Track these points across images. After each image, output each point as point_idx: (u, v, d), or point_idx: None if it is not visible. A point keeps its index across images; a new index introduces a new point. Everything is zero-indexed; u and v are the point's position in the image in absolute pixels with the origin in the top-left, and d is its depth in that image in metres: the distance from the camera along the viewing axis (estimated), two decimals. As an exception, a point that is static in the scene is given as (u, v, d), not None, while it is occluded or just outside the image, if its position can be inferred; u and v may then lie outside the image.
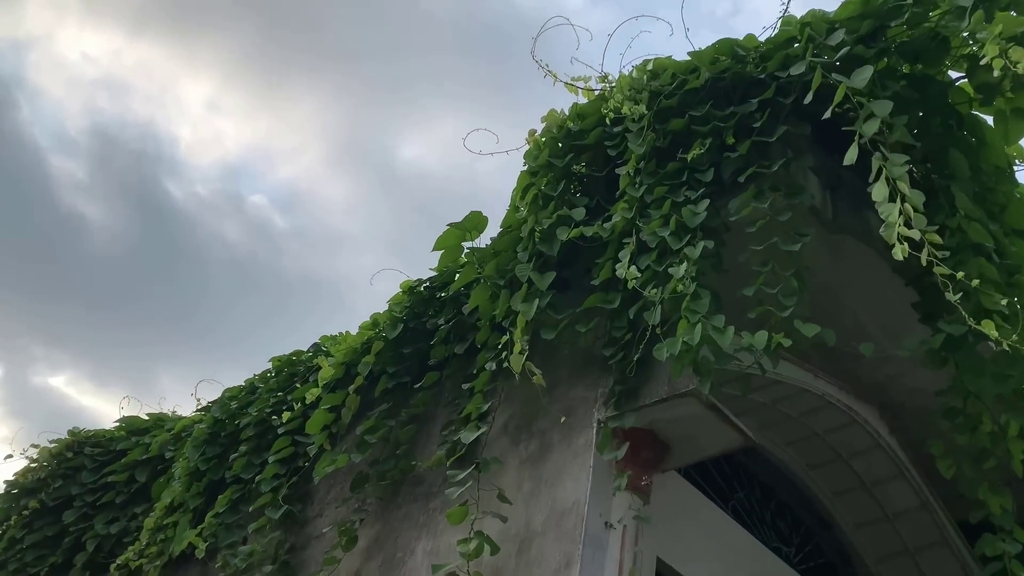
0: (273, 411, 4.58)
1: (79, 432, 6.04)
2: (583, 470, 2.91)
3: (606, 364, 3.07)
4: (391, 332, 3.95)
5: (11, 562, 5.50)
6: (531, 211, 3.37)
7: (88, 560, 5.34)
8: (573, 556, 2.73)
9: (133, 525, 5.38)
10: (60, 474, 5.81)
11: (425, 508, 3.48)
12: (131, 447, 5.79)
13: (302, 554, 3.95)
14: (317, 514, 4.08)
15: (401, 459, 3.61)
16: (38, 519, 5.65)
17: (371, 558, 3.55)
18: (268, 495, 4.02)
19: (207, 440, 4.91)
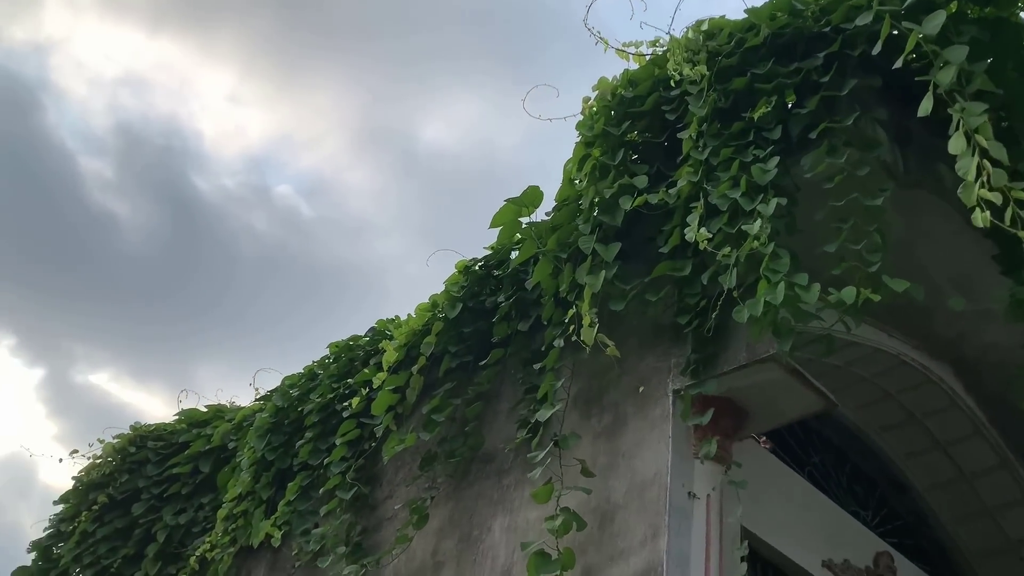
0: (336, 396, 4.59)
1: (140, 427, 6.12)
2: (662, 441, 2.87)
3: (678, 333, 3.02)
4: (451, 312, 3.93)
5: (85, 555, 5.61)
6: (590, 182, 3.32)
7: (159, 550, 5.42)
8: (659, 527, 2.70)
9: (201, 515, 5.45)
10: (125, 468, 5.90)
11: (498, 485, 3.47)
12: (193, 439, 5.86)
13: (374, 536, 3.97)
14: (387, 496, 4.09)
15: (470, 437, 3.60)
16: (108, 513, 5.75)
17: (446, 537, 3.55)
18: (337, 477, 4.05)
19: (271, 429, 4.95)
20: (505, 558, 3.20)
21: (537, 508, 3.17)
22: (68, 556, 5.68)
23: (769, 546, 3.13)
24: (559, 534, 2.83)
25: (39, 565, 5.93)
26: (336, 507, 3.97)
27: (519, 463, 3.44)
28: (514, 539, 3.21)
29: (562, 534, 2.87)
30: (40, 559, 5.96)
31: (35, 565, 5.93)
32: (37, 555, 5.99)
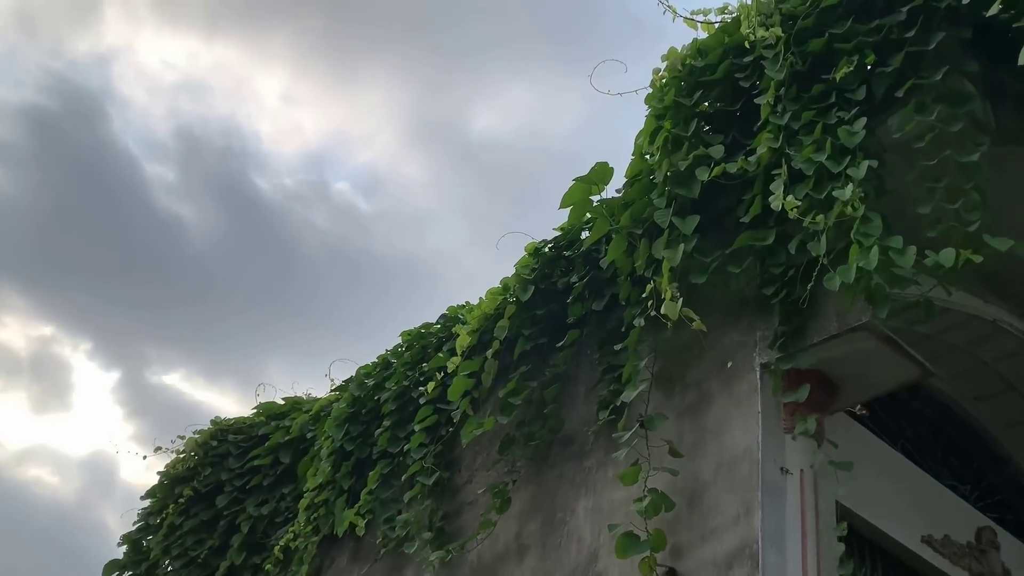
0: (411, 383, 4.61)
1: (221, 421, 6.26)
2: (751, 417, 2.79)
3: (762, 305, 2.94)
4: (522, 295, 3.90)
5: (173, 547, 5.77)
6: (663, 155, 3.24)
7: (243, 541, 5.54)
8: (752, 504, 2.63)
9: (282, 505, 5.55)
10: (208, 462, 6.04)
11: (580, 467, 3.43)
12: (272, 431, 5.97)
13: (456, 520, 3.97)
14: (467, 480, 4.09)
15: (549, 419, 3.57)
16: (193, 505, 5.90)
17: (529, 520, 3.53)
18: (418, 463, 4.06)
19: (348, 418, 5.00)
20: (591, 540, 3.16)
21: (621, 489, 3.13)
22: (157, 548, 5.85)
23: (866, 522, 3.03)
24: (648, 515, 2.78)
25: (130, 557, 6.12)
26: (418, 493, 3.98)
27: (600, 445, 3.39)
28: (599, 521, 3.18)
29: (651, 515, 2.82)
30: (131, 552, 6.15)
31: (126, 557, 6.12)
32: (128, 548, 6.18)
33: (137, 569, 6.01)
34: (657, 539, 2.81)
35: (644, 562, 2.81)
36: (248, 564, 5.46)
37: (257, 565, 5.43)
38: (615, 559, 2.99)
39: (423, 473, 4.03)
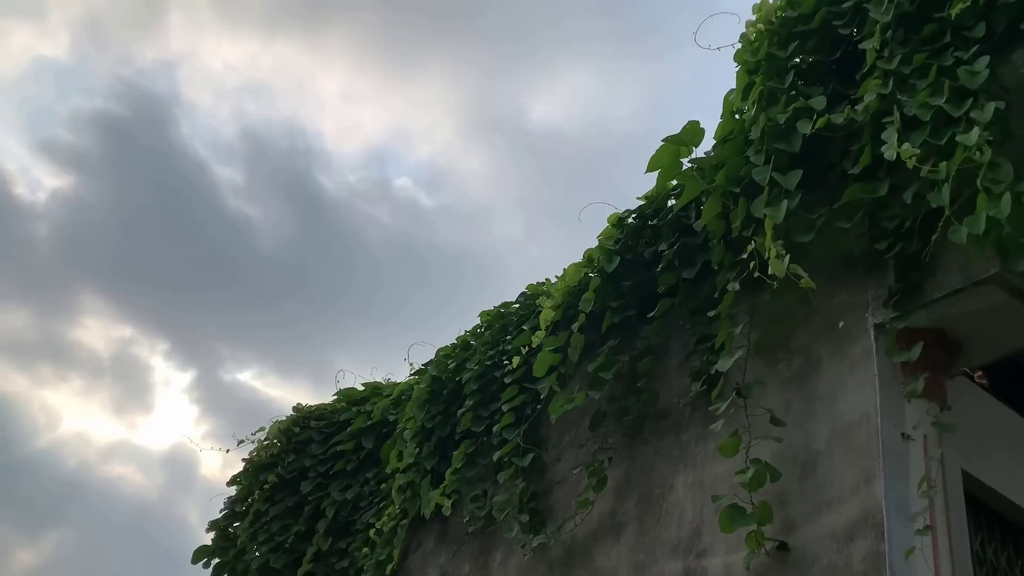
0: (492, 363, 4.54)
1: (303, 408, 6.30)
2: (867, 380, 2.62)
3: (875, 262, 2.76)
4: (608, 266, 3.78)
5: (260, 533, 5.82)
6: (758, 110, 3.07)
7: (329, 526, 5.56)
8: (872, 471, 2.47)
9: (367, 490, 5.55)
10: (291, 448, 6.08)
11: (677, 441, 3.30)
12: (353, 416, 5.97)
13: (546, 500, 3.88)
14: (555, 459, 4.00)
15: (643, 393, 3.44)
16: (278, 492, 5.95)
17: (625, 497, 3.41)
18: (509, 445, 3.99)
19: (429, 399, 4.96)
20: (693, 515, 3.04)
21: (724, 462, 2.99)
22: (244, 535, 5.91)
23: (991, 490, 2.83)
24: (751, 487, 2.65)
25: (218, 544, 6.20)
26: (511, 474, 3.91)
27: (697, 417, 3.26)
28: (701, 495, 3.05)
29: (755, 487, 2.69)
30: (218, 539, 6.24)
31: (214, 544, 6.21)
32: (215, 535, 6.27)
33: (225, 556, 6.09)
34: (763, 512, 2.68)
35: (751, 536, 2.68)
36: (335, 549, 5.47)
37: (343, 550, 5.44)
38: (718, 534, 2.86)
39: (516, 453, 3.95)
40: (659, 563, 3.06)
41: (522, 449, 3.94)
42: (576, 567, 3.48)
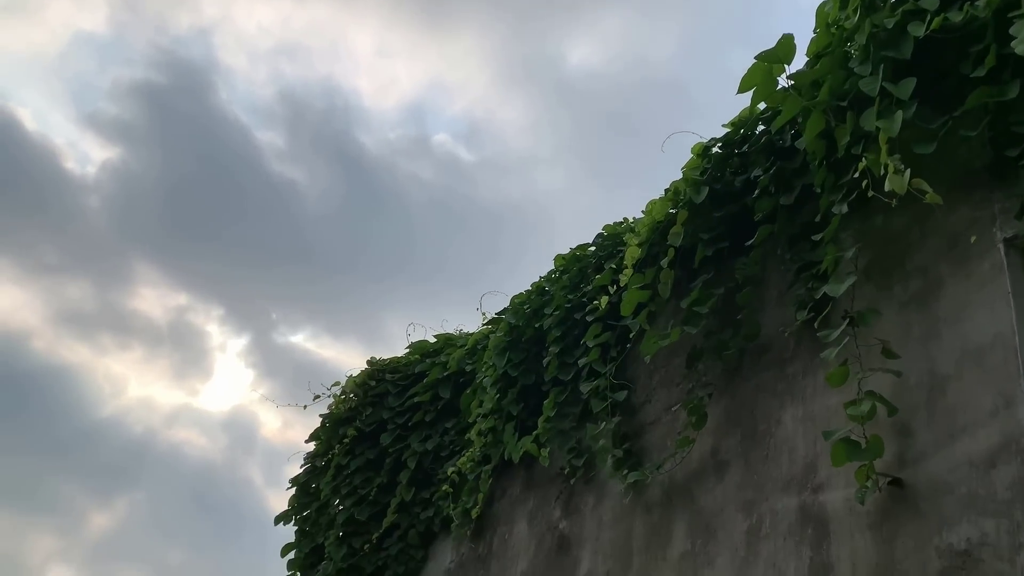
0: (573, 306, 4.43)
1: (376, 361, 6.29)
2: (999, 298, 2.43)
3: (1001, 171, 2.54)
4: (696, 197, 3.60)
5: (342, 487, 5.87)
6: (861, 17, 2.85)
7: (411, 476, 5.57)
8: (1012, 395, 2.29)
9: (447, 439, 5.53)
10: (369, 402, 6.09)
11: (781, 375, 3.16)
12: (428, 368, 5.94)
13: (639, 442, 3.79)
14: (644, 400, 3.89)
15: (743, 326, 3.29)
16: (358, 445, 5.97)
17: (726, 435, 3.29)
18: (601, 379, 3.90)
19: (508, 347, 4.88)
20: (804, 450, 2.90)
21: (837, 394, 2.84)
22: (326, 488, 5.96)
23: None
24: (864, 420, 2.50)
25: (299, 499, 6.28)
26: (605, 410, 3.82)
27: (803, 349, 3.10)
28: (813, 429, 2.91)
29: (867, 420, 2.54)
30: (300, 494, 6.31)
31: (295, 499, 6.29)
32: (297, 491, 6.35)
33: (308, 510, 6.17)
34: (876, 445, 2.53)
35: (861, 471, 2.55)
36: (418, 499, 5.48)
37: (427, 499, 5.45)
38: (838, 469, 2.73)
39: (601, 397, 3.86)
40: (770, 500, 2.94)
41: (614, 385, 3.85)
42: (676, 508, 3.38)
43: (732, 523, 3.06)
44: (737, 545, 2.99)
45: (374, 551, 5.51)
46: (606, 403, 3.85)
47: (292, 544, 6.01)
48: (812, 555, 2.68)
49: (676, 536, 3.31)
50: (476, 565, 4.77)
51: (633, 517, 3.61)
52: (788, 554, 2.77)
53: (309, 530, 5.97)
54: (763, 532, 2.91)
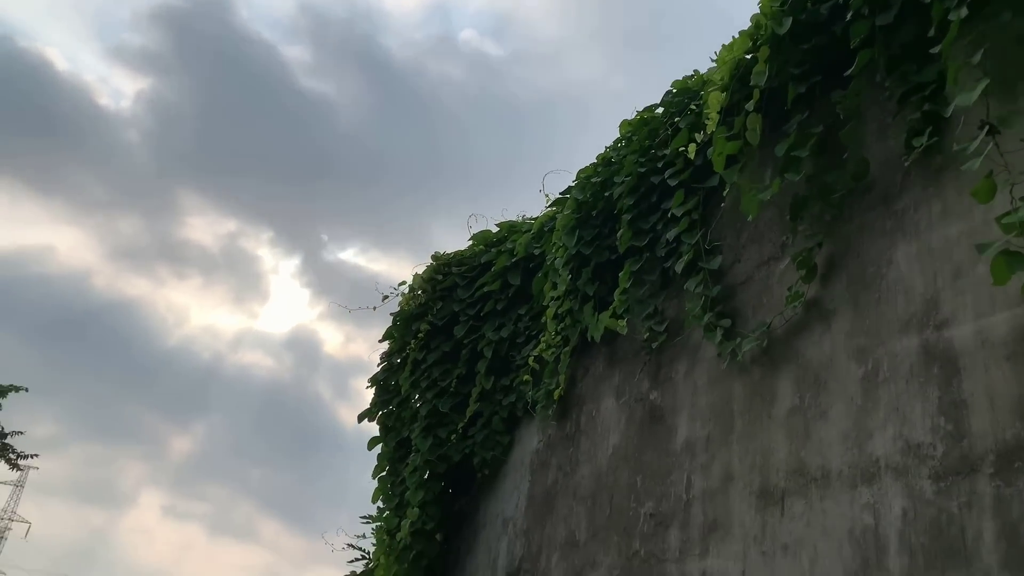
0: (648, 170, 4.20)
1: (441, 256, 6.18)
2: None
3: None
4: (779, 28, 3.29)
5: (421, 381, 5.86)
6: None
7: (489, 365, 5.51)
8: None
9: (521, 326, 5.43)
10: (438, 296, 6.01)
11: (887, 212, 2.92)
12: (494, 257, 5.81)
13: (730, 304, 3.61)
14: (732, 261, 3.69)
15: (850, 165, 3.04)
16: (432, 339, 5.93)
17: (829, 283, 3.09)
18: (691, 249, 3.71)
19: (577, 224, 4.70)
20: (923, 287, 2.69)
21: (956, 223, 2.61)
22: (406, 384, 5.96)
23: None
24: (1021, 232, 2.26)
25: (380, 397, 6.31)
26: (699, 280, 3.64)
27: (912, 181, 2.85)
28: (931, 263, 2.68)
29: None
30: (380, 392, 6.34)
31: (376, 398, 6.32)
32: (376, 390, 6.38)
33: (389, 407, 6.20)
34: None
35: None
36: (499, 386, 5.44)
37: (508, 386, 5.40)
38: (964, 300, 2.52)
39: (700, 258, 3.67)
40: (886, 343, 2.76)
41: (705, 252, 3.66)
42: (779, 364, 3.22)
43: (844, 373, 2.89)
44: (852, 394, 2.83)
45: (460, 440, 5.52)
46: (701, 275, 3.65)
47: (377, 438, 6.07)
48: (940, 394, 2.51)
49: (781, 393, 3.16)
50: (565, 444, 4.73)
51: (731, 379, 3.47)
52: (912, 396, 2.59)
53: (393, 425, 6.01)
54: (881, 377, 2.74)
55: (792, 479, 2.97)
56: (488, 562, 5.23)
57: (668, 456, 3.75)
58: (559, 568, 4.40)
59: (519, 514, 5.03)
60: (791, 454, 3.01)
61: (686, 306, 3.66)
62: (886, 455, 2.61)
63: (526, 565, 4.76)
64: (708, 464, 3.46)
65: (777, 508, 3.00)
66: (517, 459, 5.27)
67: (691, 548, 3.41)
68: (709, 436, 3.51)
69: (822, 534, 2.76)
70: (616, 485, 4.11)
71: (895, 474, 2.56)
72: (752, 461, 3.20)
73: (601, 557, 4.04)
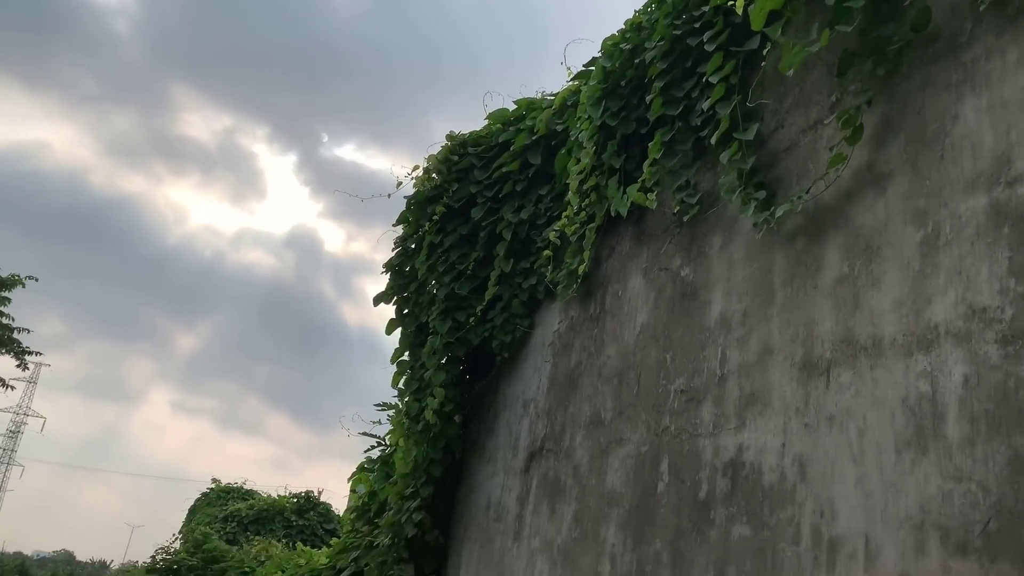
0: (682, 34, 3.93)
1: (455, 135, 5.95)
2: None
3: None
4: None
5: (438, 264, 5.72)
6: None
7: (508, 247, 5.37)
8: None
9: (542, 207, 5.26)
10: (454, 178, 5.81)
11: (954, 64, 2.69)
12: (512, 136, 5.58)
13: (773, 172, 3.42)
14: (775, 127, 3.48)
15: (911, 13, 2.79)
16: (448, 222, 5.76)
17: (885, 143, 2.89)
18: (725, 119, 3.48)
19: (603, 95, 4.45)
20: (994, 141, 2.49)
21: None
22: (422, 268, 5.83)
23: None
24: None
25: (396, 282, 6.19)
26: (734, 151, 3.43)
27: (983, 29, 2.61)
28: (1003, 116, 2.48)
29: None
30: (395, 278, 6.21)
31: (392, 282, 6.20)
32: (392, 275, 6.25)
33: (405, 292, 6.09)
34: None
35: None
36: (518, 269, 5.31)
37: (528, 268, 5.27)
38: (1040, 155, 2.33)
39: (739, 129, 3.46)
40: (949, 204, 2.59)
41: (743, 119, 3.44)
42: (826, 233, 3.06)
43: (900, 237, 2.73)
44: (909, 259, 2.68)
45: (478, 323, 5.43)
46: (735, 145, 3.44)
47: (395, 321, 5.99)
48: (1011, 255, 2.35)
49: (828, 262, 3.01)
50: (588, 325, 4.63)
51: (771, 251, 3.32)
52: (978, 258, 2.44)
53: (411, 310, 5.92)
54: (942, 241, 2.58)
55: (839, 349, 2.85)
56: (509, 443, 5.22)
57: (701, 332, 3.64)
58: (583, 446, 4.37)
59: (540, 395, 4.99)
60: (838, 324, 2.89)
61: (725, 184, 3.47)
62: (946, 321, 2.48)
63: (549, 444, 4.74)
64: (745, 338, 3.35)
65: (822, 379, 2.90)
66: (538, 342, 5.19)
67: (726, 422, 3.33)
68: (746, 310, 3.39)
69: (872, 404, 2.66)
70: (644, 363, 4.02)
71: (956, 340, 2.43)
72: (794, 333, 3.08)
73: (628, 434, 3.99)
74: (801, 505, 2.82)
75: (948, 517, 2.30)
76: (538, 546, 4.52)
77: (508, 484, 5.09)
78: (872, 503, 2.55)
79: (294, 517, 19.25)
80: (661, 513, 3.58)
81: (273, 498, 20.28)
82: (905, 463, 2.48)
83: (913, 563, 2.36)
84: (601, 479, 4.11)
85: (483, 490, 5.42)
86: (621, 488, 3.92)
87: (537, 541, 4.55)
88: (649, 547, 3.58)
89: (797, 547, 2.78)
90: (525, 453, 4.97)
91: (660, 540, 3.52)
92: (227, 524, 18.71)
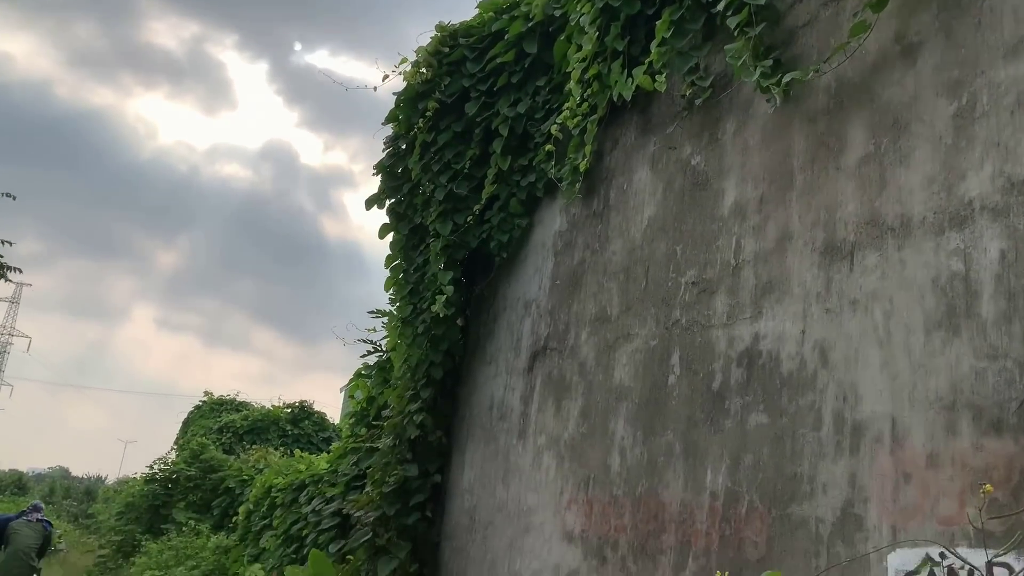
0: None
1: (445, 27, 5.66)
2: None
3: None
4: None
5: (433, 164, 5.53)
6: None
7: (505, 144, 5.18)
8: None
9: (539, 100, 5.05)
10: (445, 71, 5.56)
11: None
12: (506, 24, 5.31)
13: (789, 51, 3.24)
14: (792, 3, 3.28)
15: None
16: (442, 119, 5.55)
17: (916, 11, 2.72)
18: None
19: (606, -25, 4.20)
20: (1039, 3, 2.33)
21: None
22: (416, 168, 5.64)
23: None
24: None
25: (387, 184, 5.99)
26: (744, 18, 3.24)
27: None
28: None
29: None
30: (387, 179, 6.02)
31: (383, 185, 6.01)
32: (383, 177, 6.05)
33: (398, 194, 5.91)
34: None
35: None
36: (516, 167, 5.14)
37: (526, 166, 5.10)
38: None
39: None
40: (987, 73, 2.44)
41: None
42: (849, 110, 2.91)
43: (931, 110, 2.60)
44: (941, 133, 2.55)
45: (476, 224, 5.30)
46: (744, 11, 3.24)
47: (388, 225, 5.83)
48: (1056, 123, 2.23)
49: (852, 141, 2.87)
50: (592, 222, 4.50)
51: (790, 132, 3.17)
52: (1018, 128, 2.32)
53: (404, 212, 5.76)
54: (979, 112, 2.44)
55: (864, 231, 2.75)
56: (511, 343, 5.16)
57: (713, 222, 3.53)
58: (589, 343, 4.31)
59: (543, 295, 4.90)
60: (863, 205, 2.77)
61: (736, 57, 3.28)
62: (982, 195, 2.37)
63: (552, 343, 4.68)
64: (761, 225, 3.24)
65: (845, 263, 2.80)
66: (538, 241, 5.07)
67: (740, 312, 3.26)
68: (762, 197, 3.27)
69: (899, 286, 2.57)
70: (652, 257, 3.92)
71: (992, 215, 2.33)
72: (815, 217, 2.97)
73: (636, 329, 3.92)
74: (822, 391, 2.77)
75: (981, 396, 2.25)
76: (544, 443, 4.52)
77: (511, 384, 5.06)
78: (899, 385, 2.50)
79: (289, 426, 19.47)
80: (672, 405, 3.54)
81: (267, 408, 20.47)
82: (935, 344, 2.41)
83: (943, 443, 2.32)
84: (608, 375, 4.07)
85: (485, 391, 5.39)
86: (630, 382, 3.88)
87: (543, 438, 4.54)
88: (660, 439, 3.56)
89: (818, 432, 2.75)
90: (528, 353, 4.92)
91: (672, 432, 3.50)
92: (222, 435, 18.92)
